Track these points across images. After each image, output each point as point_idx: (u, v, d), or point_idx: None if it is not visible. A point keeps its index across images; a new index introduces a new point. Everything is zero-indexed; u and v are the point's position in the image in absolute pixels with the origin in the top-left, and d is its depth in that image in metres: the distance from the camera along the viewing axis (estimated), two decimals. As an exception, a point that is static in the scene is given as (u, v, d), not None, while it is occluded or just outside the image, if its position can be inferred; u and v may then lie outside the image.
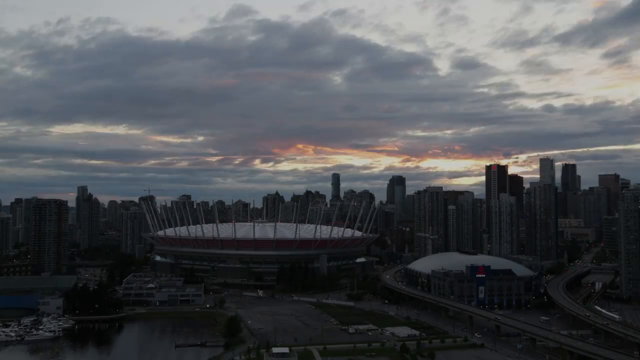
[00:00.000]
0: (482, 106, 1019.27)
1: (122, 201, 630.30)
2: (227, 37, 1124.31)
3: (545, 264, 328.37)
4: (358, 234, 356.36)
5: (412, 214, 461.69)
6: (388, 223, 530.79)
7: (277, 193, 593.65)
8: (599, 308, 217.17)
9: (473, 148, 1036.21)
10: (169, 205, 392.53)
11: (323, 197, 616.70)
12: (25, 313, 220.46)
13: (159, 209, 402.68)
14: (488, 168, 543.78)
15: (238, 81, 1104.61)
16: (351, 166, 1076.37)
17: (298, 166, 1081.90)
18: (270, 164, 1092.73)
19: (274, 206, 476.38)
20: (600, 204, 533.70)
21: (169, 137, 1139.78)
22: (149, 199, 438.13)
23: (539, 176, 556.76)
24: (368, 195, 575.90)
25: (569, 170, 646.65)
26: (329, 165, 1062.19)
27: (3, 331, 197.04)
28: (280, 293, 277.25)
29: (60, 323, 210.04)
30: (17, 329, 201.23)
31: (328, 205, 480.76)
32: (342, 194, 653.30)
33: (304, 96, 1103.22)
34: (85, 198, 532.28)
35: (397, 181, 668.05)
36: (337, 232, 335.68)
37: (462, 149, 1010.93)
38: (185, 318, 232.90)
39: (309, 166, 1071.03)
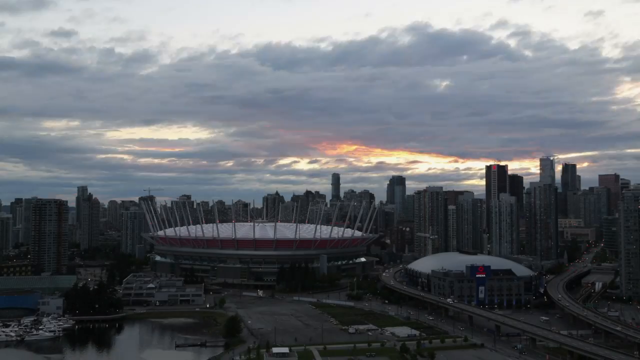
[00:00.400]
0: (556, 111, 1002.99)
1: (122, 201, 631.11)
2: (379, 46, 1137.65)
3: (545, 264, 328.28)
4: (358, 234, 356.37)
5: (412, 214, 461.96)
6: (388, 223, 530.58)
7: (277, 193, 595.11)
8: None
9: (518, 150, 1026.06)
10: (169, 205, 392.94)
11: (323, 197, 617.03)
12: (25, 313, 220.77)
13: (159, 209, 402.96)
14: (488, 168, 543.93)
15: (344, 85, 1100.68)
16: (394, 167, 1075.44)
17: (338, 166, 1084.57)
18: (316, 164, 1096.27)
19: (274, 206, 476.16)
20: (600, 204, 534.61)
21: (230, 138, 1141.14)
22: (148, 199, 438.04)
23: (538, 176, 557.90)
24: (368, 195, 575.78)
25: (569, 170, 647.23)
26: (369, 165, 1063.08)
27: (3, 331, 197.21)
28: (280, 293, 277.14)
29: (60, 323, 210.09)
30: (17, 329, 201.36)
31: (328, 205, 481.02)
32: (342, 194, 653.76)
33: (396, 98, 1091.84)
34: (85, 198, 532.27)
35: (397, 181, 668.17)
36: (337, 232, 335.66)
37: (507, 152, 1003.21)
38: (185, 318, 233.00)
39: (348, 166, 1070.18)
